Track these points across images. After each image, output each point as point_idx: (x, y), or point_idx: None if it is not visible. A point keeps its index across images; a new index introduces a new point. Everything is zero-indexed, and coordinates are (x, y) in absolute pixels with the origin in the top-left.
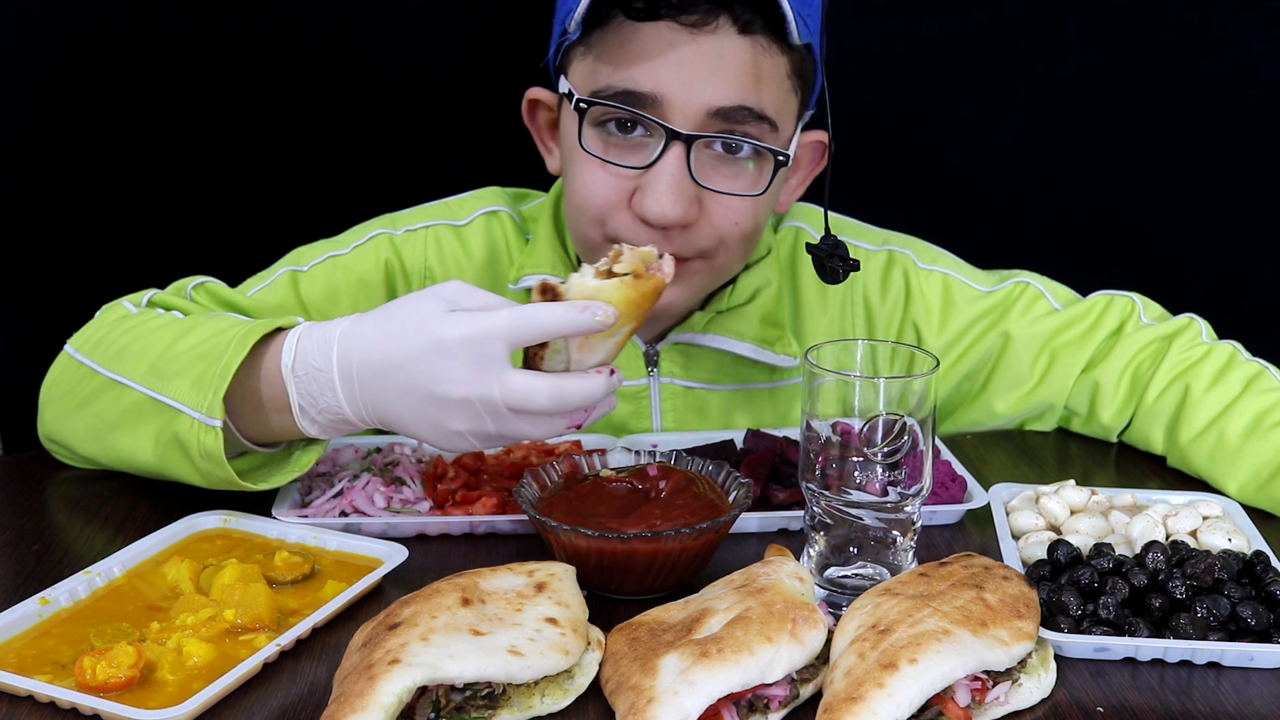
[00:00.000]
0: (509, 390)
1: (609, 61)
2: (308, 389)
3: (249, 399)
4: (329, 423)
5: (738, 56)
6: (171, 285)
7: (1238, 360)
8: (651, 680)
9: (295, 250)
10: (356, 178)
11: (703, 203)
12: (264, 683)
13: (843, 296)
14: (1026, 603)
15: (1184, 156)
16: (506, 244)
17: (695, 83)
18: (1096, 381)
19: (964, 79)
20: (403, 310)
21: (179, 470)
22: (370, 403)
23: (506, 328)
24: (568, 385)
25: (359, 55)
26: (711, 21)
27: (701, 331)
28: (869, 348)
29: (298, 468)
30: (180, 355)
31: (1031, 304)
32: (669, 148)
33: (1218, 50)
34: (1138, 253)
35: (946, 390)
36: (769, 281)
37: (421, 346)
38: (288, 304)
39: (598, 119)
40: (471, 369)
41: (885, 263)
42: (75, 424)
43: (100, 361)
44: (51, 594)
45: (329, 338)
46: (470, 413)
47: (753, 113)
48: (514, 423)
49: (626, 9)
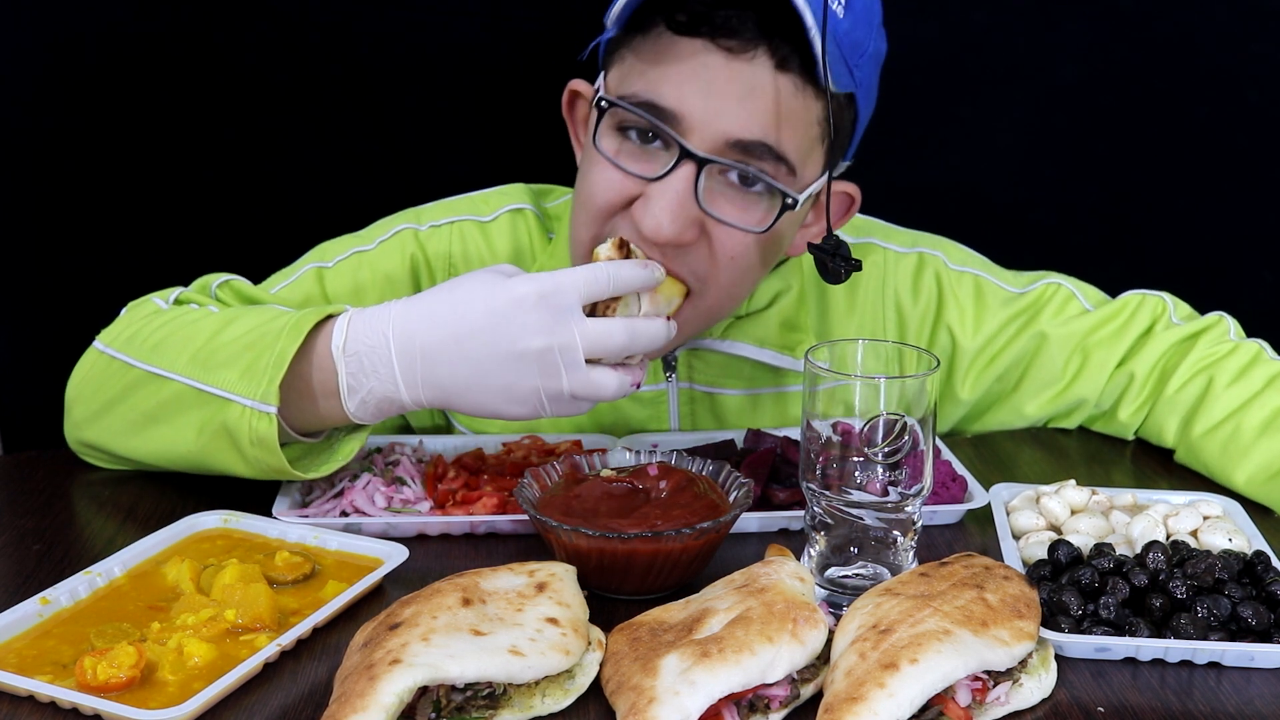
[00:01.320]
0: (587, 331)
1: (642, 69)
2: (360, 369)
3: (297, 385)
4: (377, 405)
5: (768, 92)
6: (195, 283)
7: (1263, 358)
8: (652, 680)
9: (319, 246)
10: (357, 178)
11: (704, 228)
12: (264, 683)
13: (874, 298)
14: (1027, 603)
15: (1184, 157)
16: (530, 242)
17: (721, 109)
18: (1128, 376)
19: (964, 79)
20: (465, 284)
21: (224, 460)
22: (432, 380)
23: (582, 280)
24: (638, 324)
25: (359, 55)
26: (750, 50)
27: (720, 338)
28: (869, 347)
29: (341, 456)
30: (225, 346)
31: (1064, 305)
32: (680, 166)
33: (1218, 50)
34: (1138, 253)
35: (979, 392)
36: (789, 286)
37: (498, 306)
38: (313, 300)
39: (617, 123)
40: (551, 317)
41: (916, 265)
42: (109, 419)
43: (136, 355)
44: (52, 594)
45: (383, 319)
46: (548, 366)
47: (771, 151)
48: (588, 376)
49: (669, 20)
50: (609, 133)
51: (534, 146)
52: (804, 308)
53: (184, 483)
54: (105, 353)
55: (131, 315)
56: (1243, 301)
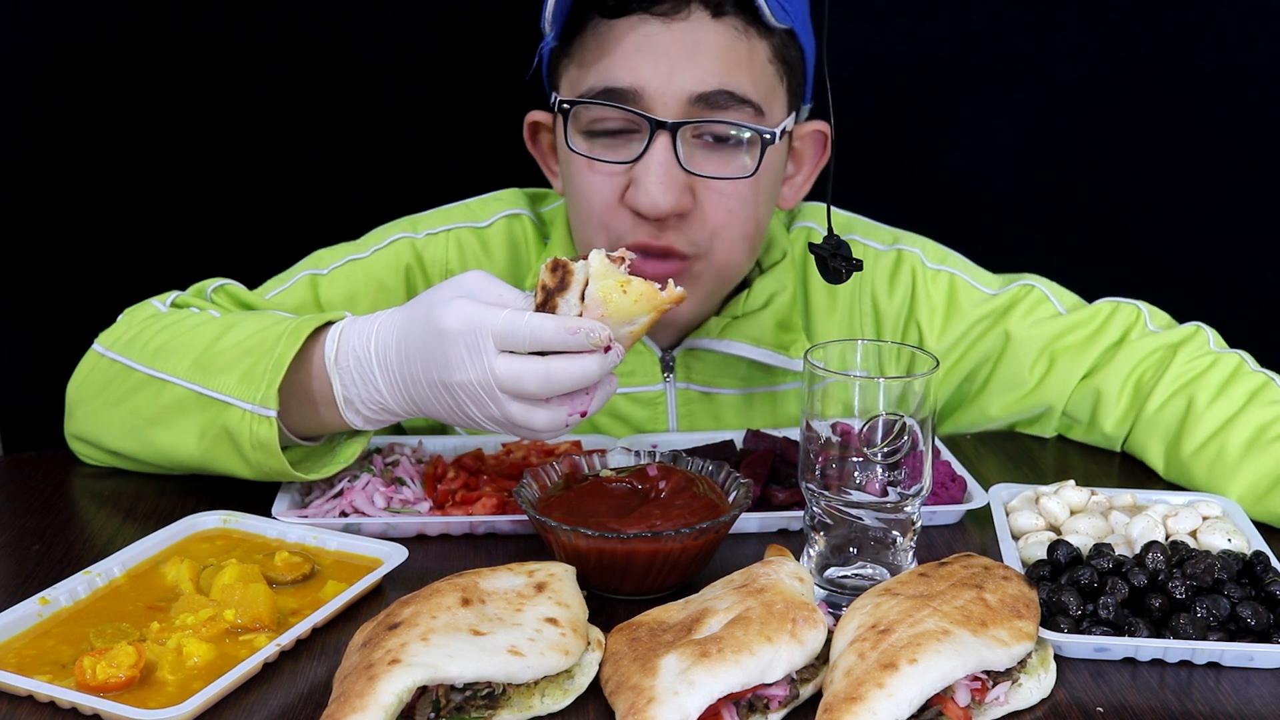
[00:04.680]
0: (498, 374)
1: (589, 63)
2: (351, 380)
3: (296, 392)
4: (372, 413)
5: (714, 41)
6: (192, 287)
7: (1244, 371)
8: (652, 680)
9: (315, 253)
10: (357, 178)
11: (695, 193)
12: (264, 683)
13: (851, 296)
14: (1026, 603)
15: (1184, 157)
16: (527, 247)
17: (673, 71)
18: (1098, 389)
19: (964, 79)
20: (422, 300)
21: (226, 463)
22: (406, 391)
23: (500, 329)
24: (554, 366)
25: (359, 55)
26: (683, 9)
27: (717, 337)
28: (869, 348)
29: (342, 459)
30: (225, 351)
31: (1035, 306)
32: (654, 138)
33: (1218, 50)
34: (1138, 253)
35: (947, 392)
36: (785, 286)
37: (428, 334)
38: (307, 307)
39: (584, 124)
40: (469, 356)
41: (894, 262)
42: (110, 421)
43: (137, 359)
44: (51, 594)
45: (369, 330)
46: (475, 397)
47: (735, 96)
48: (517, 409)
49: (599, 7)
50: (579, 138)
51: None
52: (795, 307)
53: (184, 483)
54: (106, 355)
55: (130, 318)
56: (1243, 301)
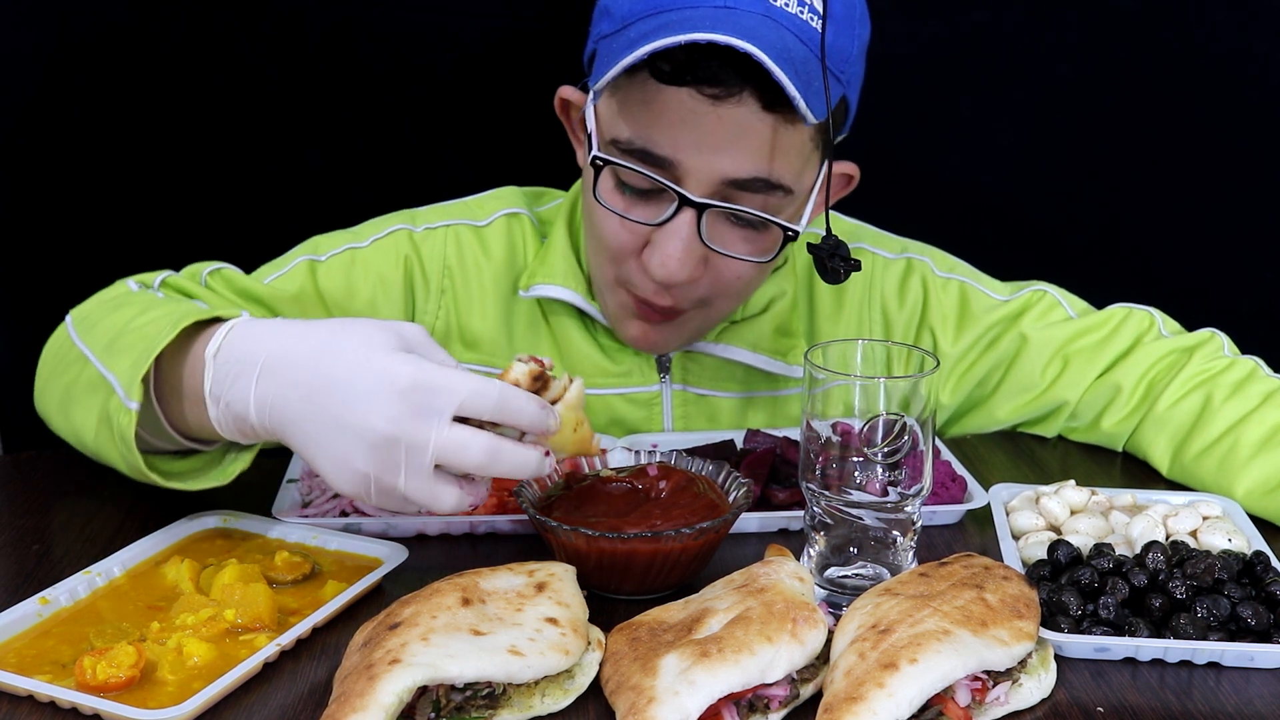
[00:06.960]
0: (444, 438)
1: (631, 114)
2: (225, 376)
3: (173, 384)
4: (230, 419)
5: (758, 131)
6: (186, 269)
7: (1259, 375)
8: (652, 680)
9: (312, 239)
10: (357, 178)
11: (710, 260)
12: (264, 683)
13: (860, 303)
14: (1027, 603)
15: (1184, 157)
16: (525, 247)
17: (713, 153)
18: (1116, 384)
19: (964, 79)
20: (355, 332)
21: (110, 453)
22: (279, 412)
23: (467, 392)
24: (504, 447)
25: (359, 55)
26: (735, 95)
27: (714, 341)
28: (869, 348)
29: (223, 475)
30: (131, 332)
31: (1047, 311)
32: (680, 212)
33: (1218, 50)
34: (1138, 253)
35: (960, 398)
36: (784, 292)
37: (365, 373)
38: (306, 293)
39: (616, 180)
40: (412, 412)
41: (904, 270)
42: (49, 394)
43: (78, 333)
44: (51, 594)
45: (265, 336)
46: (387, 457)
47: (767, 182)
48: (427, 484)
49: (653, 70)
50: (610, 186)
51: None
52: (796, 312)
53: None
54: (65, 327)
55: (102, 294)
56: (1243, 301)
